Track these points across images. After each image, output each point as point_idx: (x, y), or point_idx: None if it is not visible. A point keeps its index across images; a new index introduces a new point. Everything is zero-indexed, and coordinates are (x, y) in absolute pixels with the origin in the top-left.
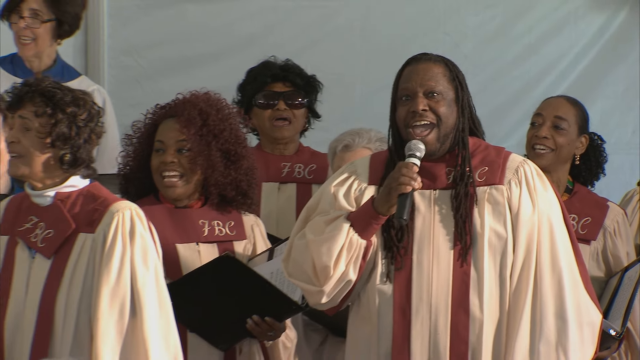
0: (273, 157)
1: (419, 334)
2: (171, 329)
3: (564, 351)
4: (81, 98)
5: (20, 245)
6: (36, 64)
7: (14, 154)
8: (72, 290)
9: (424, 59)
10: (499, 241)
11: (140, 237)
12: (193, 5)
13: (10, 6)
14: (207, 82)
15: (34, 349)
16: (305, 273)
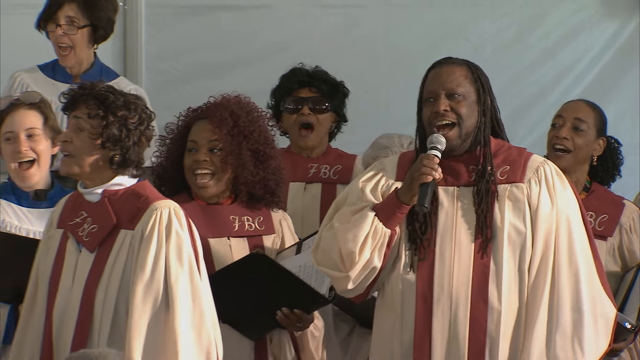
0: (301, 158)
1: (440, 323)
2: (205, 323)
3: (579, 342)
4: (133, 102)
5: (71, 239)
6: (76, 68)
7: (66, 153)
8: (111, 283)
9: (447, 63)
10: (518, 236)
11: (176, 234)
12: (225, 13)
13: (46, 15)
14: (238, 86)
15: (75, 337)
16: (332, 260)
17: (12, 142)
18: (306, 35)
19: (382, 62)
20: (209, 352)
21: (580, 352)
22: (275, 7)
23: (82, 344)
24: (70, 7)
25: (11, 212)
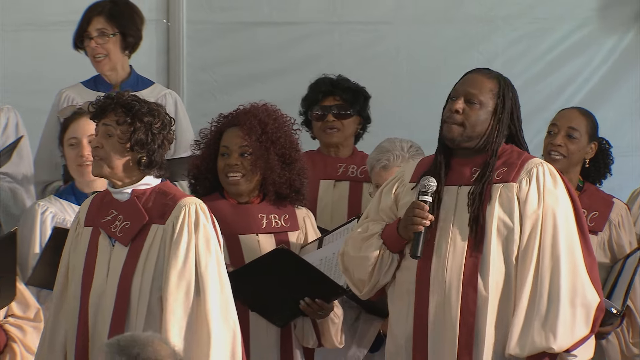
0: (330, 158)
1: (434, 309)
2: (230, 305)
3: (551, 327)
4: (156, 109)
5: (102, 235)
6: (114, 77)
7: (97, 157)
8: (146, 273)
9: (482, 72)
10: (505, 230)
11: (204, 227)
12: (260, 29)
13: (79, 33)
14: (271, 96)
15: (113, 323)
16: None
17: (75, 147)
18: (334, 49)
19: (403, 73)
20: (234, 332)
21: (553, 338)
22: (306, 23)
23: (120, 328)
24: (99, 20)
25: (71, 211)
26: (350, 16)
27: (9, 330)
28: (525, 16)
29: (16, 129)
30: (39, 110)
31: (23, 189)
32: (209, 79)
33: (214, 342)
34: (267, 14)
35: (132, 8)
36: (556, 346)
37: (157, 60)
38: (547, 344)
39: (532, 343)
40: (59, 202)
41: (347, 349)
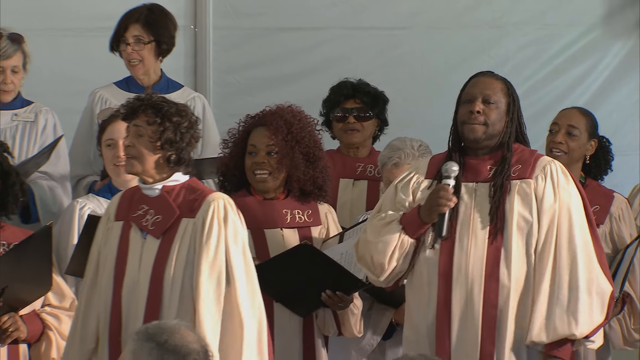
0: (349, 158)
1: (458, 299)
2: (256, 293)
3: (573, 314)
4: (183, 110)
5: (134, 229)
6: (146, 80)
7: (129, 156)
8: (177, 264)
9: (488, 75)
10: (525, 224)
11: (232, 221)
12: (283, 34)
13: (116, 37)
14: (293, 97)
15: (147, 313)
16: (366, 262)
17: (112, 148)
18: (353, 53)
19: (419, 75)
20: (260, 319)
21: (575, 324)
22: (327, 28)
23: (154, 317)
24: (135, 27)
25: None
26: (369, 22)
27: (45, 319)
28: (534, 22)
29: (54, 129)
30: (73, 110)
31: (60, 187)
32: (234, 81)
33: (246, 328)
34: (289, 20)
35: (167, 16)
36: (578, 332)
37: (185, 64)
38: (570, 331)
39: (555, 330)
40: (96, 199)
41: (362, 337)
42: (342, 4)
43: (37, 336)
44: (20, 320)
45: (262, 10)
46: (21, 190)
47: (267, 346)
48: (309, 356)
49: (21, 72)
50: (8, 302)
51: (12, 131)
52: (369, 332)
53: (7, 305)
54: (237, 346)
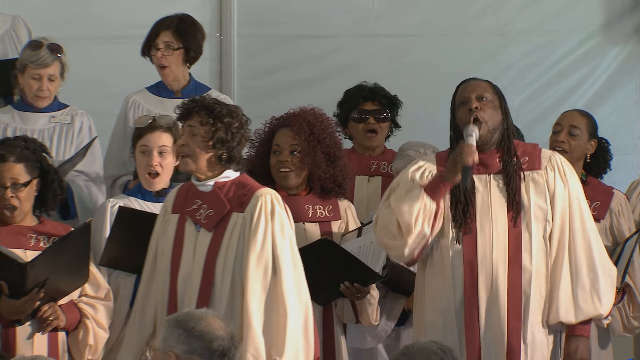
0: (364, 156)
1: (484, 283)
2: (302, 283)
3: (597, 295)
4: (234, 111)
5: (188, 222)
6: (175, 85)
7: (183, 154)
8: (228, 256)
9: (474, 79)
10: (541, 212)
11: (279, 215)
12: (302, 41)
13: (147, 43)
14: (312, 100)
15: (199, 300)
16: (391, 232)
17: (146, 155)
18: (367, 59)
19: (429, 80)
20: (307, 307)
21: (599, 303)
22: (342, 36)
23: (205, 304)
24: (166, 34)
25: (138, 206)
26: (381, 30)
27: (82, 308)
28: (537, 30)
29: (89, 131)
30: (107, 113)
31: (95, 185)
32: (257, 85)
33: (289, 316)
34: (308, 28)
35: (196, 25)
36: (603, 311)
37: (211, 69)
38: (597, 311)
39: (582, 311)
40: (127, 199)
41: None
42: (357, 13)
43: (74, 324)
44: (60, 310)
45: (282, 19)
46: (60, 188)
47: (314, 334)
48: (328, 343)
49: (58, 80)
50: (48, 292)
51: (49, 132)
52: (384, 318)
53: (48, 296)
54: (281, 333)
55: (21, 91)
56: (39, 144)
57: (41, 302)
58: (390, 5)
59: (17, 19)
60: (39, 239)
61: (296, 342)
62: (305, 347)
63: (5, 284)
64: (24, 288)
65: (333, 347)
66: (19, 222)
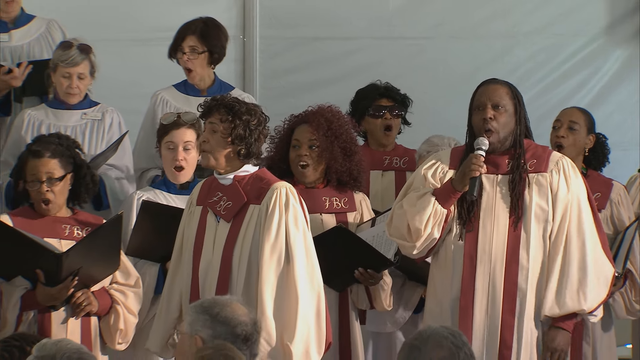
0: (377, 152)
1: (481, 278)
2: (315, 271)
3: (583, 291)
4: (253, 109)
5: (210, 213)
6: (201, 84)
7: (204, 150)
8: (244, 245)
9: (494, 82)
10: (542, 213)
11: (292, 206)
12: (321, 43)
13: (174, 47)
14: (331, 98)
15: (218, 286)
16: (402, 233)
17: (172, 150)
18: (383, 60)
19: (441, 80)
20: (319, 293)
21: (584, 300)
22: (359, 38)
23: (223, 290)
24: (191, 39)
25: (163, 198)
26: (397, 32)
27: (113, 294)
28: (543, 33)
29: (119, 127)
30: (138, 111)
31: (126, 178)
32: (278, 85)
33: (301, 301)
34: (326, 31)
35: (220, 29)
36: (586, 307)
37: (235, 69)
38: (580, 306)
39: (565, 305)
40: (152, 191)
41: (395, 311)
42: (373, 16)
43: (106, 309)
44: (92, 296)
45: (302, 22)
46: (92, 182)
47: (326, 319)
48: (344, 326)
49: (87, 79)
50: (82, 280)
51: (81, 128)
52: (402, 305)
53: (81, 283)
54: (292, 319)
55: (54, 90)
56: (72, 141)
57: (75, 289)
58: (405, 9)
59: (52, 22)
60: (72, 229)
61: (307, 328)
62: (317, 332)
63: (41, 273)
64: (59, 276)
65: (348, 330)
66: (54, 214)
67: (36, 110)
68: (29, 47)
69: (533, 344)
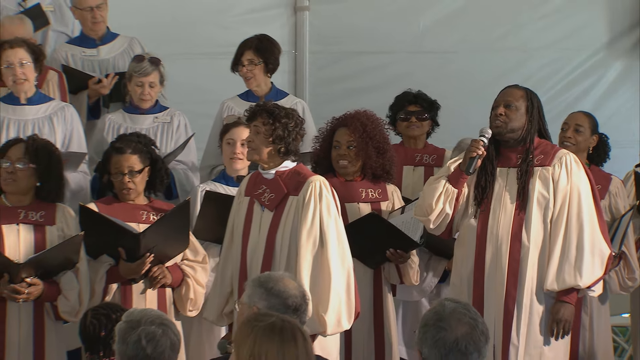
0: (410, 149)
1: (490, 255)
2: (346, 253)
3: (578, 270)
4: (290, 113)
5: (256, 203)
6: (260, 92)
7: (250, 148)
8: (285, 231)
9: (513, 86)
10: (543, 200)
11: (325, 197)
12: (362, 56)
13: (235, 61)
14: (370, 104)
15: (263, 266)
16: (421, 210)
17: (231, 145)
18: (415, 71)
19: (465, 87)
20: (349, 271)
21: (580, 277)
22: (395, 52)
23: (267, 270)
24: (249, 53)
25: (222, 190)
26: (427, 47)
27: (184, 269)
28: (552, 47)
29: (185, 128)
30: (206, 115)
31: (191, 172)
32: (324, 92)
33: (333, 278)
34: (366, 46)
35: (272, 42)
36: (582, 283)
37: (288, 79)
38: (576, 282)
39: (564, 281)
40: (213, 184)
41: (423, 281)
42: (407, 33)
43: (178, 282)
44: (167, 270)
45: (345, 39)
46: (165, 174)
47: (355, 293)
48: (378, 299)
49: (157, 87)
50: (157, 257)
51: (153, 130)
52: (430, 274)
53: (157, 259)
54: (325, 293)
55: (130, 97)
56: (149, 139)
57: (151, 264)
58: (434, 28)
59: (134, 39)
60: (149, 215)
61: (339, 301)
62: (347, 304)
63: (123, 250)
64: (138, 253)
65: (381, 301)
66: (134, 201)
67: (115, 114)
68: (114, 61)
69: (533, 313)
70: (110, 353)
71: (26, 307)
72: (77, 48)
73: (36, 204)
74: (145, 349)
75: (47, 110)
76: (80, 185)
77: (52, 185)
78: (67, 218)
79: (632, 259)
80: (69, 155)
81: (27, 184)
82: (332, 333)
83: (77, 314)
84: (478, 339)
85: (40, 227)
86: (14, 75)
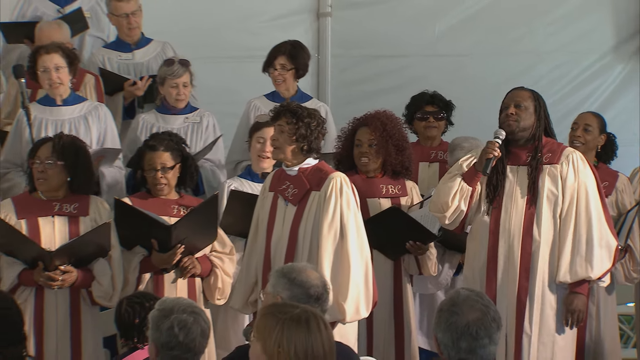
0: (425, 147)
1: (502, 249)
2: (364, 245)
3: (590, 262)
4: (313, 113)
5: (280, 198)
6: (286, 94)
7: (275, 146)
8: (307, 224)
9: (519, 88)
10: (552, 196)
11: (345, 192)
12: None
13: (267, 64)
14: (388, 105)
15: (286, 258)
16: (437, 207)
17: (261, 144)
18: (431, 73)
19: (478, 89)
20: (367, 262)
21: (591, 269)
22: (412, 56)
23: (290, 261)
24: (282, 58)
25: (247, 185)
26: (442, 51)
27: (213, 260)
28: (561, 51)
29: (213, 128)
30: (233, 114)
31: (218, 169)
32: (346, 94)
33: (352, 269)
34: (384, 50)
35: (304, 50)
36: (593, 275)
37: (312, 82)
38: (587, 274)
39: (576, 273)
40: (239, 180)
41: (439, 274)
42: (423, 38)
43: (207, 272)
44: (196, 261)
45: (365, 43)
46: (195, 171)
47: (373, 283)
48: (397, 288)
49: (189, 87)
50: (187, 248)
51: (184, 129)
52: (446, 267)
53: (187, 251)
54: (345, 283)
55: (162, 99)
56: (180, 138)
57: (182, 255)
58: (449, 32)
59: (166, 44)
60: (179, 209)
61: (357, 290)
62: (365, 293)
63: (155, 242)
64: (169, 244)
65: (401, 291)
66: (166, 196)
67: (148, 115)
68: (148, 64)
69: (545, 303)
70: (143, 339)
71: (63, 294)
72: (113, 52)
73: (70, 197)
74: (178, 336)
75: (82, 110)
76: (116, 179)
77: (82, 179)
78: (100, 209)
79: (637, 252)
80: (105, 152)
81: (57, 181)
82: (350, 321)
83: (111, 298)
84: (489, 325)
85: (75, 219)
86: (50, 80)
